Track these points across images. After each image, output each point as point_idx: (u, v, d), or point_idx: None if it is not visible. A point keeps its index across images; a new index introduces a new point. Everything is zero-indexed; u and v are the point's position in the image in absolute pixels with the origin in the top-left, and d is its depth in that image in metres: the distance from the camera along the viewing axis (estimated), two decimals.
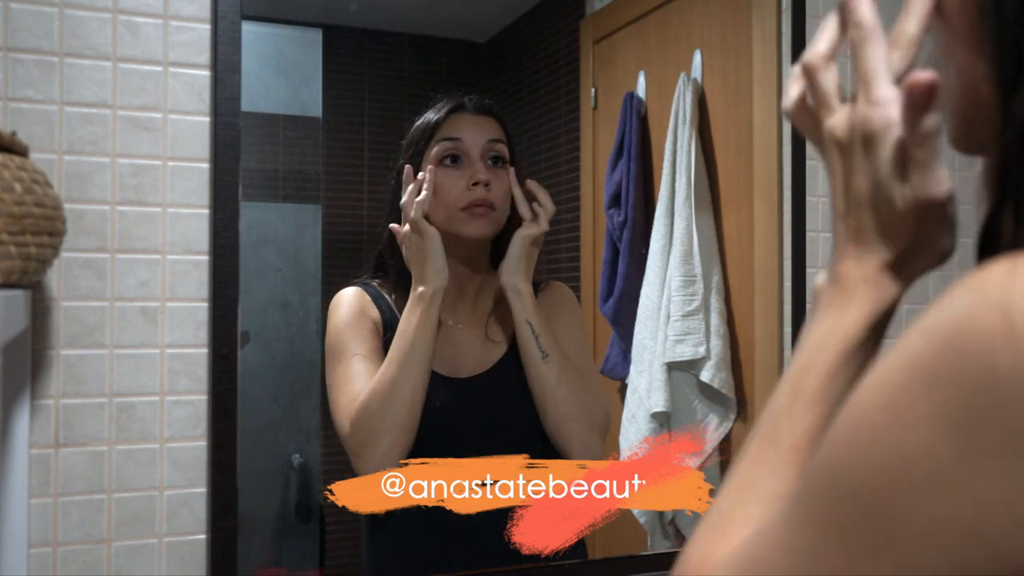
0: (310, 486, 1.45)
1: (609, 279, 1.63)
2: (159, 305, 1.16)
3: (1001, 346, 0.34)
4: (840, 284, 0.52)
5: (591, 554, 1.37)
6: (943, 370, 0.36)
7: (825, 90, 0.53)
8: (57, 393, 1.12)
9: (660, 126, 1.63)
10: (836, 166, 0.52)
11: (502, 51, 1.64)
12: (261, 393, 1.39)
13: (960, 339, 0.36)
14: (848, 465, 0.39)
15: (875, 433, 0.38)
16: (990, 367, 0.34)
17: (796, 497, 0.42)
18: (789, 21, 1.52)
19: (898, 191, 0.49)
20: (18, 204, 0.89)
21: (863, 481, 0.38)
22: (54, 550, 1.11)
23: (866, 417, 0.39)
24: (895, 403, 0.37)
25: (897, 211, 0.49)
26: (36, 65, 1.11)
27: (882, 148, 0.49)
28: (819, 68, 0.53)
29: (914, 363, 0.37)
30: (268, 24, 1.39)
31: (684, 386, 1.58)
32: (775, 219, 1.53)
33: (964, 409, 0.35)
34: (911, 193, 0.48)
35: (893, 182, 0.49)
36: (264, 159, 1.41)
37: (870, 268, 0.51)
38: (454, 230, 1.22)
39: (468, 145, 1.24)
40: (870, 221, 0.50)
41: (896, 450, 0.37)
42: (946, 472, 0.35)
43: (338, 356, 1.22)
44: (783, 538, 0.42)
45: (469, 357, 1.28)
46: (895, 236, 0.50)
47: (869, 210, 0.50)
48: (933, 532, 0.36)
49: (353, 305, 1.25)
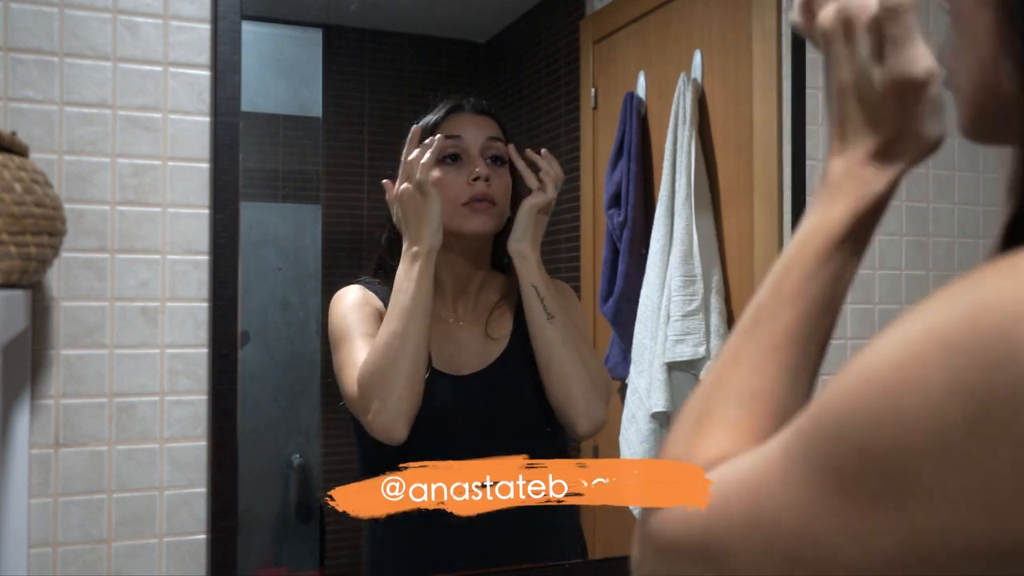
0: (310, 486, 1.45)
1: (609, 279, 1.63)
2: (159, 305, 1.16)
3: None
4: (826, 181, 0.52)
5: (591, 554, 1.37)
6: (963, 340, 0.36)
7: None
8: (57, 393, 1.12)
9: (660, 126, 1.63)
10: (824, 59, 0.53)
11: (502, 51, 1.64)
12: (261, 393, 1.39)
13: (984, 311, 0.35)
14: (854, 417, 0.39)
15: (885, 390, 0.38)
16: (1010, 342, 0.34)
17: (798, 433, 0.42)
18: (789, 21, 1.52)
19: (876, 73, 0.49)
20: (18, 204, 0.89)
21: (869, 436, 0.38)
22: (54, 550, 1.11)
23: (878, 373, 0.38)
24: (910, 364, 0.37)
25: (877, 94, 0.49)
26: (36, 65, 1.11)
27: (860, 31, 0.49)
28: None
29: (933, 329, 0.37)
30: (268, 24, 1.39)
31: (684, 386, 1.58)
32: (775, 219, 1.53)
33: (979, 381, 0.35)
34: (887, 73, 0.48)
35: (872, 64, 0.49)
36: (264, 159, 1.41)
37: (854, 160, 0.51)
38: (455, 226, 1.22)
39: (468, 143, 1.24)
40: (854, 110, 0.50)
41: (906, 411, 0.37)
42: (955, 441, 0.35)
43: (343, 338, 1.21)
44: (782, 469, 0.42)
45: (469, 355, 1.28)
46: (878, 122, 0.50)
47: (853, 98, 0.50)
48: (937, 496, 0.36)
49: (356, 294, 1.26)
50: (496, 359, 1.28)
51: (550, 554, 1.30)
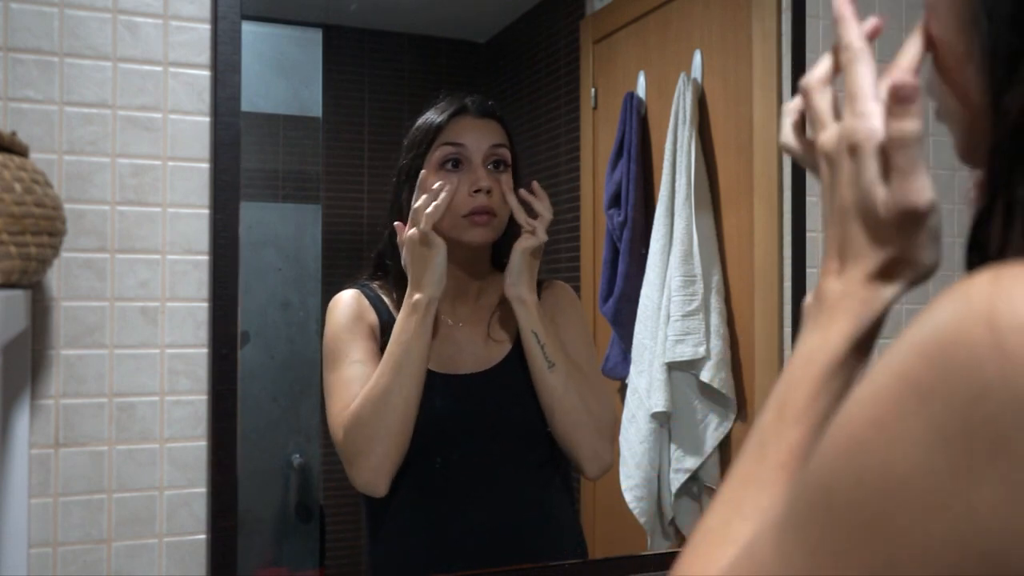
0: (310, 486, 1.45)
1: (609, 279, 1.63)
2: (159, 305, 1.16)
3: (988, 358, 0.34)
4: (824, 301, 0.53)
5: (591, 554, 1.37)
6: (932, 385, 0.36)
7: (819, 109, 0.56)
8: (57, 393, 1.12)
9: (660, 126, 1.63)
10: (825, 179, 0.54)
11: (502, 51, 1.64)
12: (261, 393, 1.39)
13: (948, 353, 0.36)
14: (840, 484, 0.39)
15: (866, 451, 0.38)
16: (979, 380, 0.34)
17: (785, 516, 0.42)
18: (789, 21, 1.52)
19: (880, 198, 0.50)
20: (18, 204, 0.89)
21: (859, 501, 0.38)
22: (54, 550, 1.11)
23: (857, 434, 0.39)
24: (886, 419, 0.37)
25: (879, 218, 0.50)
26: (36, 65, 1.11)
27: (865, 156, 0.50)
28: (815, 89, 0.56)
29: (902, 378, 0.37)
30: (268, 24, 1.39)
31: (684, 386, 1.58)
32: (775, 219, 1.53)
33: (955, 423, 0.35)
34: (892, 199, 0.49)
35: (876, 189, 0.50)
36: (264, 159, 1.41)
37: (853, 281, 0.52)
38: (455, 236, 1.22)
39: (470, 151, 1.23)
40: (855, 230, 0.51)
41: (890, 468, 0.37)
42: (941, 488, 0.35)
43: (334, 362, 1.22)
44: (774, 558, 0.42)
45: (469, 356, 1.28)
46: (879, 245, 0.51)
47: (854, 220, 0.51)
48: (930, 548, 0.36)
49: (350, 308, 1.25)
50: (499, 361, 1.28)
51: (550, 554, 1.30)
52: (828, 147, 0.53)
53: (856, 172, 0.51)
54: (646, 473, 1.58)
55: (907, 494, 0.36)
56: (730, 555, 0.46)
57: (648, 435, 1.58)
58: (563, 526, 1.34)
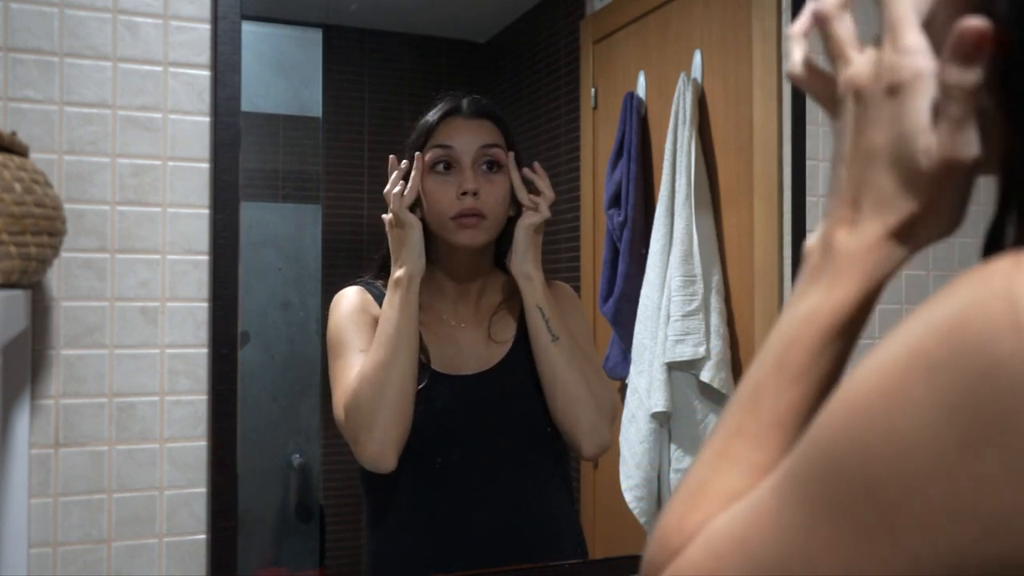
0: (310, 486, 1.45)
1: (609, 279, 1.63)
2: (159, 305, 1.16)
3: (1005, 335, 0.34)
4: (832, 254, 0.49)
5: (591, 554, 1.37)
6: (944, 358, 0.36)
7: (841, 38, 0.50)
8: (57, 393, 1.12)
9: (660, 126, 1.63)
10: (849, 117, 0.49)
11: (502, 51, 1.64)
12: (261, 393, 1.39)
13: (963, 327, 0.36)
14: (845, 449, 0.39)
15: (873, 418, 0.38)
16: (993, 356, 0.34)
17: (788, 475, 0.42)
18: (789, 21, 1.52)
19: (923, 147, 0.45)
20: (18, 204, 0.89)
21: (861, 466, 0.38)
22: (54, 550, 1.11)
23: (864, 401, 0.39)
24: (894, 388, 0.37)
25: (918, 169, 0.45)
26: (36, 65, 1.11)
27: (910, 99, 0.45)
28: (833, 16, 0.50)
29: (915, 349, 0.37)
30: (268, 24, 1.39)
31: (684, 386, 1.58)
32: (775, 219, 1.53)
33: (965, 397, 0.35)
34: (939, 151, 0.44)
35: (919, 137, 0.45)
36: (264, 159, 1.42)
37: (869, 237, 0.47)
38: (446, 238, 1.23)
39: (459, 152, 1.23)
40: (883, 178, 0.47)
41: (896, 436, 0.37)
42: (946, 459, 0.35)
43: (338, 351, 1.22)
44: (775, 515, 0.42)
45: (471, 356, 1.28)
46: (909, 197, 0.46)
47: (884, 166, 0.47)
48: (931, 518, 0.36)
49: (354, 301, 1.26)
50: (499, 361, 1.28)
51: (550, 554, 1.30)
52: (860, 82, 0.48)
53: (897, 114, 0.46)
54: (646, 473, 1.58)
55: (909, 462, 0.36)
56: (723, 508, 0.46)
57: (648, 435, 1.58)
58: (563, 526, 1.34)
